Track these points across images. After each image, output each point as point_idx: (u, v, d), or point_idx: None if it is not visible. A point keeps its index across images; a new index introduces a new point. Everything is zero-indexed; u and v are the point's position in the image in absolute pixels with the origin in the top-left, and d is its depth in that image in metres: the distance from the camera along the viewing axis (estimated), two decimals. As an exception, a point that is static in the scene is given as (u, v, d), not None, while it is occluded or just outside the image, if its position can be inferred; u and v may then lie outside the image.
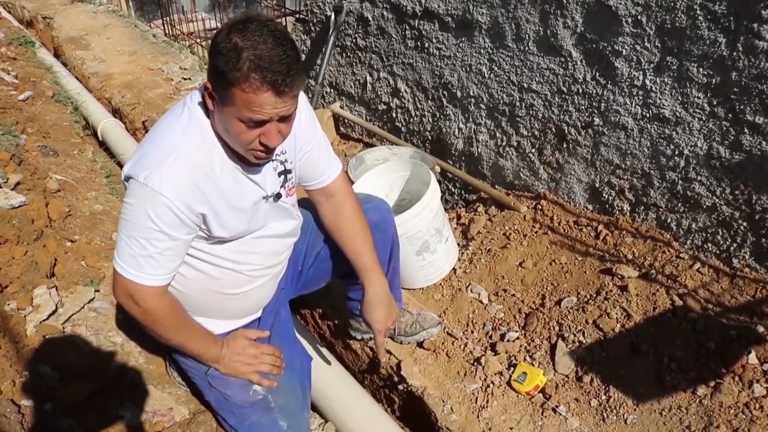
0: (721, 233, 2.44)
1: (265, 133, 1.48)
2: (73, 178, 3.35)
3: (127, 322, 2.34)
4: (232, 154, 1.61)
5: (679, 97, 2.38)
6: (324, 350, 2.49)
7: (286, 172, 1.80)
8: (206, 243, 1.70)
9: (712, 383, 2.10)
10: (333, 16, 3.85)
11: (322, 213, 2.04)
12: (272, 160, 1.74)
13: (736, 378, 2.08)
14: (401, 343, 2.52)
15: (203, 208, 1.58)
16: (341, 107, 4.28)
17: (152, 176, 1.50)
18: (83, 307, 2.33)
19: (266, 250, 1.84)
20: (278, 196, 1.79)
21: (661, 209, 2.62)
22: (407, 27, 3.43)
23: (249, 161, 1.62)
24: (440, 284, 2.85)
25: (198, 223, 1.60)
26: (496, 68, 3.03)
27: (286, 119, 1.51)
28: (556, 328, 2.45)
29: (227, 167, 1.62)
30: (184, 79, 5.36)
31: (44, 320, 2.19)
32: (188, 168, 1.54)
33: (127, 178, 1.56)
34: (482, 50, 3.06)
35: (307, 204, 2.07)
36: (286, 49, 1.40)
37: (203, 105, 1.58)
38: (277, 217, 1.82)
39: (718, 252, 2.47)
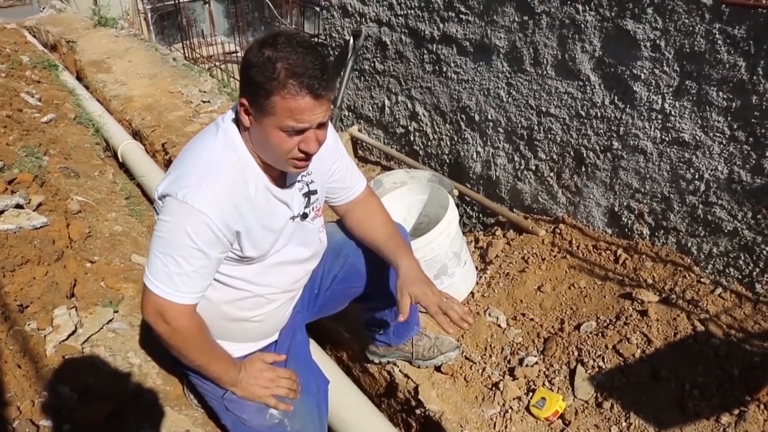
0: (743, 258, 2.41)
1: (304, 140, 1.53)
2: (94, 199, 3.39)
3: (146, 343, 2.35)
4: (264, 174, 1.64)
5: (699, 121, 2.37)
6: (341, 374, 2.47)
7: (310, 193, 1.82)
8: (230, 265, 1.71)
9: (736, 411, 2.06)
10: (352, 40, 3.89)
11: (350, 219, 2.05)
12: (298, 181, 1.76)
13: (761, 406, 2.04)
14: (419, 367, 2.50)
15: (239, 227, 1.59)
16: (359, 130, 4.30)
17: (191, 194, 1.52)
18: (102, 328, 2.34)
19: (287, 274, 1.85)
20: (305, 216, 1.81)
21: (681, 233, 2.60)
22: (425, 51, 3.45)
23: (278, 181, 1.67)
24: (458, 308, 2.83)
25: (232, 241, 1.61)
26: (514, 92, 3.04)
27: (323, 125, 1.56)
28: (576, 353, 2.42)
29: (260, 187, 1.64)
30: (204, 101, 5.42)
31: (63, 340, 2.19)
32: (227, 187, 1.56)
33: (163, 197, 1.57)
34: (500, 74, 3.07)
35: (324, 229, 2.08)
36: (316, 55, 1.46)
37: (236, 125, 1.62)
38: (300, 240, 1.83)
39: (740, 277, 2.44)
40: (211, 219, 1.52)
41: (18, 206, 2.79)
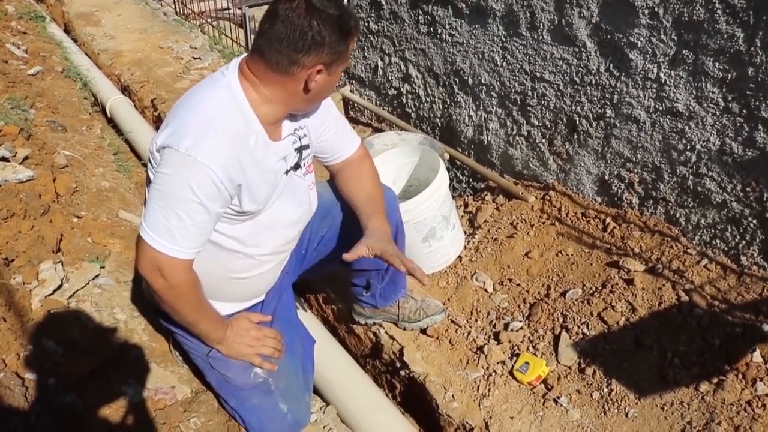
0: (730, 230, 2.42)
1: None
2: (81, 154, 3.35)
3: (132, 300, 2.35)
4: (263, 128, 1.63)
5: (694, 92, 2.36)
6: (327, 334, 2.49)
7: (302, 148, 1.82)
8: (224, 223, 1.70)
9: (715, 380, 2.10)
10: (346, -1, 3.83)
11: (339, 178, 2.05)
12: (291, 135, 1.76)
13: (740, 376, 2.08)
14: (404, 329, 2.52)
15: (241, 179, 1.58)
16: (351, 91, 4.26)
17: (195, 146, 1.49)
18: (88, 283, 2.34)
19: (278, 234, 1.84)
20: (297, 167, 1.81)
21: (670, 204, 2.60)
22: (420, 12, 3.40)
23: (274, 135, 1.69)
24: (446, 272, 2.84)
25: (233, 195, 1.60)
26: (508, 56, 3.01)
27: None
28: (561, 320, 2.44)
29: (260, 141, 1.63)
30: (194, 58, 5.35)
31: (49, 295, 2.19)
32: (229, 139, 1.55)
33: (162, 148, 1.53)
34: (495, 38, 3.03)
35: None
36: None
37: (239, 82, 1.60)
38: (291, 196, 1.81)
39: (726, 249, 2.45)
40: (215, 172, 1.50)
41: (3, 159, 2.77)
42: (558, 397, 2.19)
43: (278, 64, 1.54)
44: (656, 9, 2.35)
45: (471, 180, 3.64)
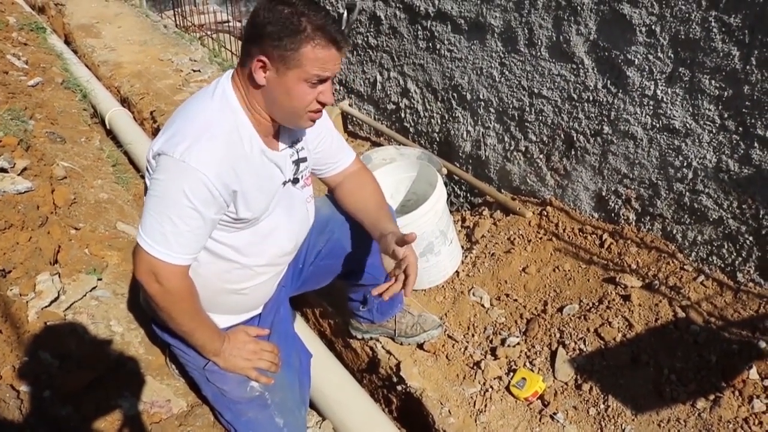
0: (726, 247, 2.43)
1: (324, 91, 1.59)
2: (80, 165, 3.36)
3: (129, 312, 2.34)
4: (259, 136, 1.64)
5: (690, 109, 2.37)
6: (324, 348, 2.48)
7: (300, 161, 1.83)
8: (222, 231, 1.70)
9: (712, 397, 2.10)
10: (345, 14, 3.84)
11: (341, 190, 2.06)
12: (289, 147, 1.77)
13: (736, 393, 2.08)
14: (401, 344, 2.51)
15: (236, 186, 1.59)
16: (350, 105, 4.27)
17: (189, 152, 1.50)
18: (85, 295, 2.33)
19: (275, 245, 1.84)
20: (296, 181, 1.82)
21: (667, 220, 2.61)
22: (419, 27, 3.42)
23: (271, 144, 1.69)
24: (443, 286, 2.84)
25: (228, 201, 1.60)
26: (507, 72, 3.03)
27: (333, 79, 1.67)
28: (557, 335, 2.44)
29: (256, 149, 1.64)
30: (194, 71, 5.37)
31: (46, 307, 2.18)
32: (224, 145, 1.56)
33: (158, 155, 1.55)
34: (494, 54, 3.05)
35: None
36: (330, 13, 1.55)
37: (233, 89, 1.62)
38: (288, 207, 1.82)
39: (722, 265, 2.46)
40: (209, 178, 1.51)
41: (2, 170, 2.76)
42: (554, 413, 2.19)
43: (244, 63, 1.58)
44: (653, 27, 2.37)
45: (468, 195, 3.65)
